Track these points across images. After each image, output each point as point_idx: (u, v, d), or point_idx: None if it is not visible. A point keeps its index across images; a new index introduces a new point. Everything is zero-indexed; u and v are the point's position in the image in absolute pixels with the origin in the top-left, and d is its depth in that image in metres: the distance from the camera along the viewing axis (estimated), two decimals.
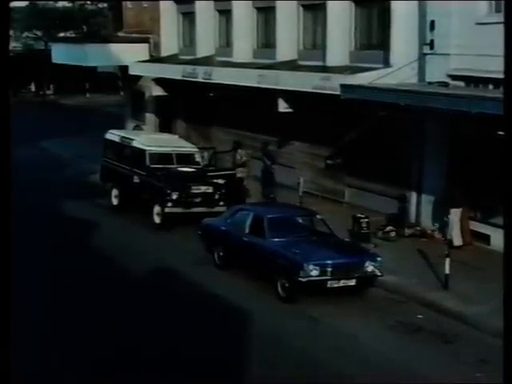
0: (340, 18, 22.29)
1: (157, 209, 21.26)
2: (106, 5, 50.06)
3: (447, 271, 15.13)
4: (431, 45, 18.82)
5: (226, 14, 28.30)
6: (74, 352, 12.38)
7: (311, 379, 11.53)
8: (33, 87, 63.15)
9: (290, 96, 22.84)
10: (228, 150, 25.73)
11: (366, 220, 19.09)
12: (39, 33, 57.69)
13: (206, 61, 28.40)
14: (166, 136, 26.73)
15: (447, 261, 15.07)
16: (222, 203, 21.10)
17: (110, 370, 11.76)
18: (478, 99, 15.50)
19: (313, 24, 24.33)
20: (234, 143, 25.38)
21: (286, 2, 24.65)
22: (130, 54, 32.26)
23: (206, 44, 29.23)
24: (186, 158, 22.83)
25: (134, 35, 33.74)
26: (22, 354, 10.56)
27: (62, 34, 54.32)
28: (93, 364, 11.92)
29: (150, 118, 33.83)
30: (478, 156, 18.18)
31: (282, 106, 23.44)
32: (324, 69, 22.23)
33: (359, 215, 19.28)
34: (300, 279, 14.58)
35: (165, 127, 32.01)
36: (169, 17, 31.90)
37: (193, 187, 21.24)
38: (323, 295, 15.00)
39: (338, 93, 19.27)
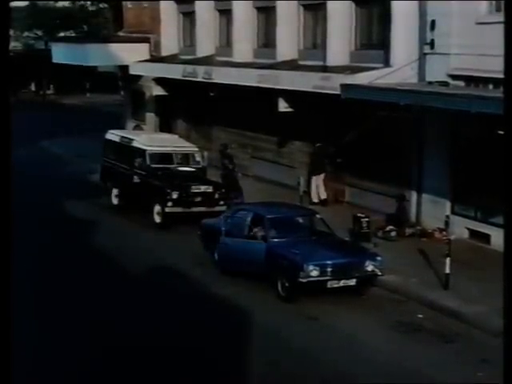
0: (340, 17, 22.27)
1: (157, 208, 21.28)
2: (106, 5, 50.01)
3: (447, 271, 15.12)
4: (431, 44, 18.82)
5: (226, 13, 28.28)
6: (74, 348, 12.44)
7: (311, 378, 11.54)
8: (33, 87, 63.12)
9: (290, 96, 22.82)
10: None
11: (367, 219, 19.08)
12: (39, 32, 57.61)
13: (207, 60, 28.38)
14: (166, 136, 26.74)
15: (447, 260, 15.07)
16: (222, 203, 21.16)
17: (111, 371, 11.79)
18: (478, 99, 15.49)
19: (313, 24, 24.31)
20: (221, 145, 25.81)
21: (287, 1, 24.64)
22: (130, 54, 32.22)
23: (206, 44, 29.22)
24: (186, 158, 22.86)
25: (134, 35, 33.72)
26: None
27: (62, 34, 54.22)
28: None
29: (150, 117, 33.82)
30: (478, 155, 18.18)
31: (283, 106, 23.42)
32: (324, 68, 22.22)
33: (359, 215, 19.26)
34: (300, 280, 14.57)
35: (165, 127, 32.00)
36: (169, 16, 31.89)
37: (193, 187, 21.28)
38: (323, 295, 15.00)
39: (338, 92, 19.26)
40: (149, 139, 23.82)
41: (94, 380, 11.51)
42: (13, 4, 38.03)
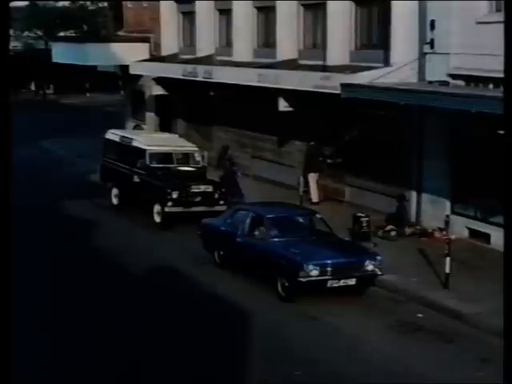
0: (340, 17, 22.27)
1: (157, 208, 21.28)
2: (106, 4, 49.98)
3: (447, 270, 15.13)
4: (431, 44, 18.81)
5: (226, 13, 28.28)
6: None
7: (311, 378, 11.54)
8: (33, 87, 63.10)
9: (290, 95, 22.83)
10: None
11: (367, 219, 19.09)
12: (39, 32, 57.59)
13: (207, 60, 28.39)
14: (166, 135, 26.76)
15: (447, 260, 15.07)
16: (221, 202, 21.17)
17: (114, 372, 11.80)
18: (478, 98, 15.50)
19: (313, 23, 24.31)
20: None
21: (287, 1, 24.64)
22: (130, 54, 32.23)
23: (206, 43, 29.22)
24: (186, 158, 22.87)
25: (134, 35, 33.73)
26: None
27: (62, 34, 54.17)
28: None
29: (150, 117, 33.82)
30: (478, 155, 18.18)
31: (283, 105, 23.43)
32: (324, 68, 22.23)
33: (359, 214, 19.27)
34: (300, 279, 14.57)
35: (165, 126, 32.01)
36: (169, 16, 31.89)
37: (193, 186, 21.29)
38: (323, 294, 14.99)
39: (338, 92, 19.26)
40: (149, 139, 23.83)
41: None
42: (13, 4, 38.01)
